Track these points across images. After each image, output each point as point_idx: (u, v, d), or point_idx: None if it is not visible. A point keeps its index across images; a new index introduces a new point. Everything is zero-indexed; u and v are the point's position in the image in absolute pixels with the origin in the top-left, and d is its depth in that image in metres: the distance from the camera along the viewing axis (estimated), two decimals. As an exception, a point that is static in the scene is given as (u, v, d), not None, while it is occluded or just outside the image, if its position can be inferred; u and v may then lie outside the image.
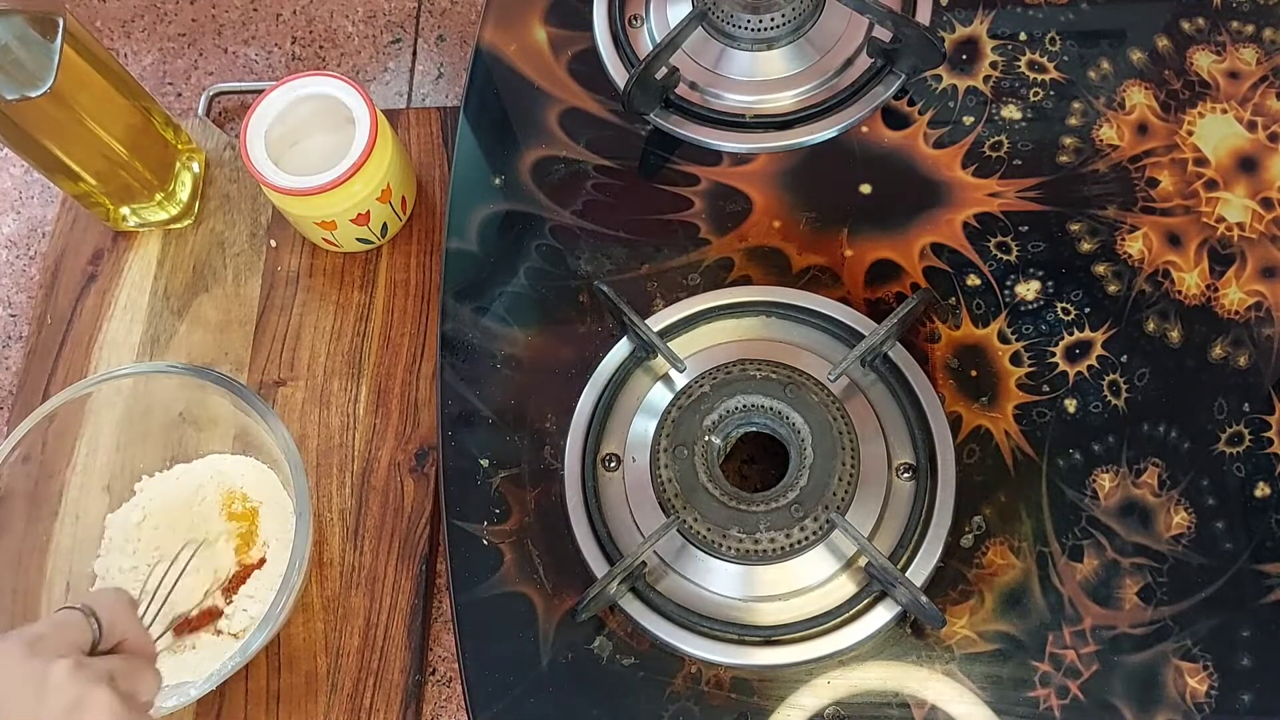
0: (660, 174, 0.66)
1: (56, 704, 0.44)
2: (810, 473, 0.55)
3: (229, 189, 0.75)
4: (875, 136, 0.65)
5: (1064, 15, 0.67)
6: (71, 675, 0.45)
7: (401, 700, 0.61)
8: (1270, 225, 0.61)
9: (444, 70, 0.82)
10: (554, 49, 0.70)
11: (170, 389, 0.64)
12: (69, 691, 0.44)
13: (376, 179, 0.66)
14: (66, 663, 0.45)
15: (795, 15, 0.66)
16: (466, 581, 0.57)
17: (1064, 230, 0.62)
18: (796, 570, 0.55)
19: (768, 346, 0.61)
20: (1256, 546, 0.54)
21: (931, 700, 0.53)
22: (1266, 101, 0.64)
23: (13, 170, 0.81)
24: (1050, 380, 0.59)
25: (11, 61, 0.61)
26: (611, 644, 0.55)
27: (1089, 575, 0.55)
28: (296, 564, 0.57)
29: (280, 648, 0.62)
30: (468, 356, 0.63)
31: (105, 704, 0.45)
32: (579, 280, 0.64)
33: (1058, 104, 0.65)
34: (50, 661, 0.45)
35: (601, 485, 0.59)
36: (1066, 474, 0.57)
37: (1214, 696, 0.52)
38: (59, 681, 0.44)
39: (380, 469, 0.66)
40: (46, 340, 0.72)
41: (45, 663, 0.45)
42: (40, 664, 0.45)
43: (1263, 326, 0.59)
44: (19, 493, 0.61)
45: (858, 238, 0.63)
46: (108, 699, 0.45)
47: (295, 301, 0.71)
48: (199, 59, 0.83)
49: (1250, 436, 0.56)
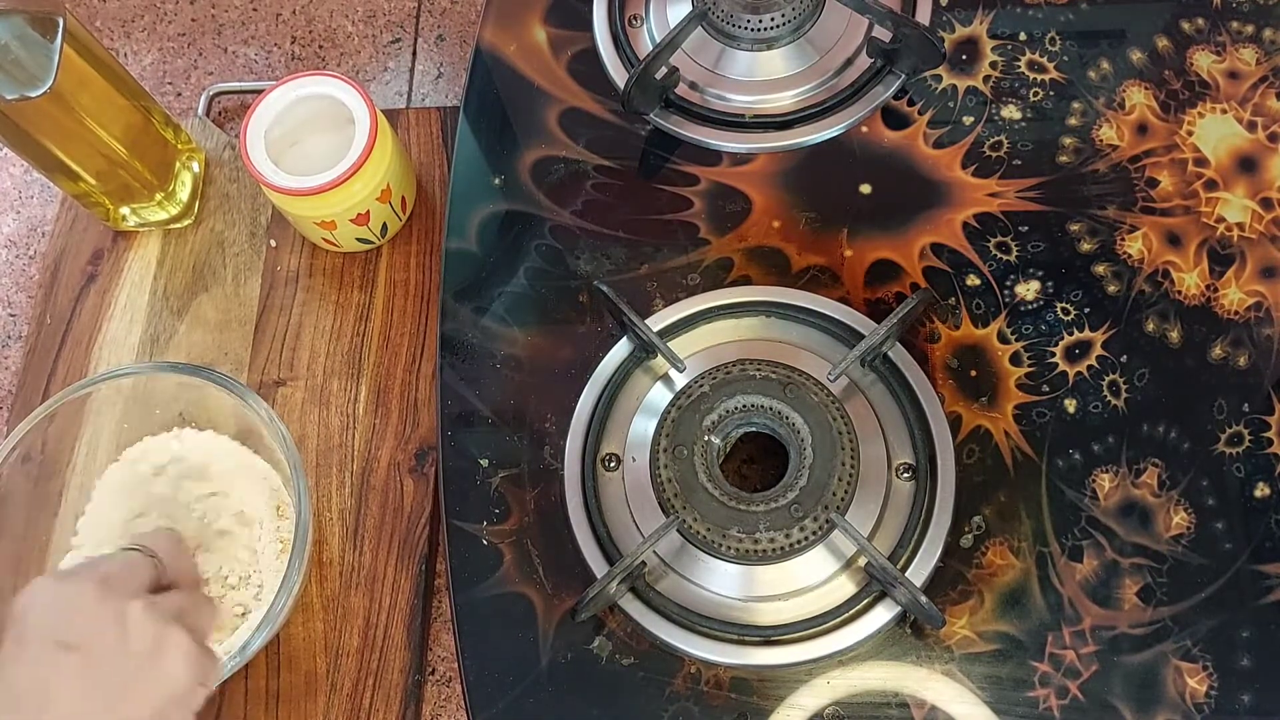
0: (660, 174, 0.66)
1: (139, 645, 0.45)
2: (810, 473, 0.55)
3: (229, 189, 0.75)
4: (875, 136, 0.65)
5: (1064, 15, 0.67)
6: (148, 615, 0.46)
7: (401, 700, 0.61)
8: (1270, 225, 0.61)
9: (444, 70, 0.82)
10: (554, 49, 0.70)
11: (170, 389, 0.64)
12: (148, 632, 0.45)
13: (376, 179, 0.66)
14: (140, 604, 0.46)
15: (795, 15, 0.66)
16: (466, 581, 0.57)
17: (1064, 230, 0.62)
18: (796, 570, 0.55)
19: (767, 346, 0.61)
20: (1256, 547, 0.54)
21: (931, 700, 0.53)
22: (1266, 101, 0.64)
23: (13, 170, 0.81)
24: (1050, 380, 0.59)
25: (11, 61, 0.61)
26: (611, 644, 0.55)
27: (1089, 575, 0.55)
28: (296, 564, 0.57)
29: (280, 648, 0.62)
30: (467, 356, 0.63)
31: (183, 645, 0.46)
32: (579, 280, 0.64)
33: (1058, 104, 0.65)
34: (126, 602, 0.45)
35: (601, 485, 0.59)
36: (1066, 474, 0.57)
37: (1213, 697, 0.52)
38: (136, 624, 0.45)
39: (380, 469, 0.66)
40: (46, 340, 0.72)
41: (122, 604, 0.45)
42: (118, 605, 0.45)
43: (1262, 326, 0.59)
44: (19, 493, 0.61)
45: (857, 238, 0.63)
46: (185, 640, 0.46)
47: (295, 301, 0.71)
48: (199, 59, 0.83)
49: (1250, 437, 0.56)
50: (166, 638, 0.46)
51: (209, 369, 0.62)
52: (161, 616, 0.46)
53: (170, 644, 0.46)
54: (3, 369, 0.76)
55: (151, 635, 0.45)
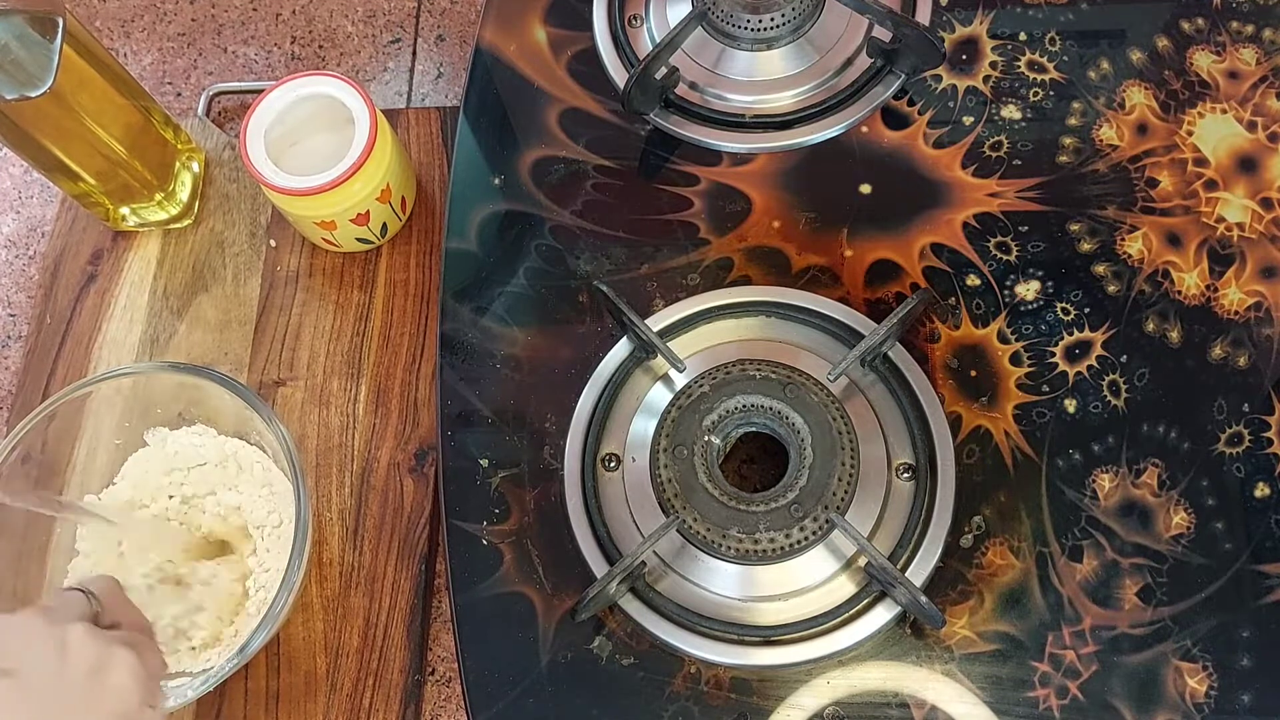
0: (660, 174, 0.66)
1: (80, 663, 0.44)
2: (810, 473, 0.55)
3: (229, 189, 0.75)
4: (875, 136, 0.65)
5: (1064, 15, 0.67)
6: (90, 637, 0.45)
7: (401, 700, 0.61)
8: (1270, 225, 0.61)
9: (444, 70, 0.82)
10: (554, 49, 0.70)
11: (170, 389, 0.64)
12: (90, 650, 0.45)
13: (376, 179, 0.66)
14: (81, 627, 0.45)
15: (795, 15, 0.66)
16: (466, 581, 0.57)
17: (1064, 230, 0.62)
18: (796, 570, 0.55)
19: (767, 346, 0.61)
20: (1256, 547, 0.54)
21: (931, 700, 0.53)
22: (1266, 101, 0.64)
23: (12, 170, 0.81)
24: (1050, 380, 0.59)
25: (11, 61, 0.61)
26: (611, 644, 0.55)
27: (1089, 575, 0.55)
28: (296, 564, 0.57)
29: (280, 648, 0.62)
30: (467, 356, 0.63)
31: (128, 662, 0.45)
32: (579, 280, 0.64)
33: (1057, 104, 0.65)
34: (68, 625, 0.45)
35: (601, 485, 0.59)
36: (1066, 474, 0.57)
37: (1213, 697, 0.52)
38: (79, 642, 0.45)
39: (380, 469, 0.66)
40: (46, 340, 0.72)
41: (61, 629, 0.45)
42: (57, 630, 0.45)
43: (1262, 326, 0.59)
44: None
45: (857, 238, 0.63)
46: (130, 658, 0.45)
47: (295, 301, 0.71)
48: (199, 59, 0.83)
49: (1250, 437, 0.56)
50: (111, 655, 0.45)
51: (209, 369, 0.62)
52: (104, 637, 0.46)
53: (115, 661, 0.45)
54: (3, 369, 0.76)
55: (94, 653, 0.45)
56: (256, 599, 0.61)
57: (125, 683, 0.45)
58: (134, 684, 0.45)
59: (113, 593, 0.51)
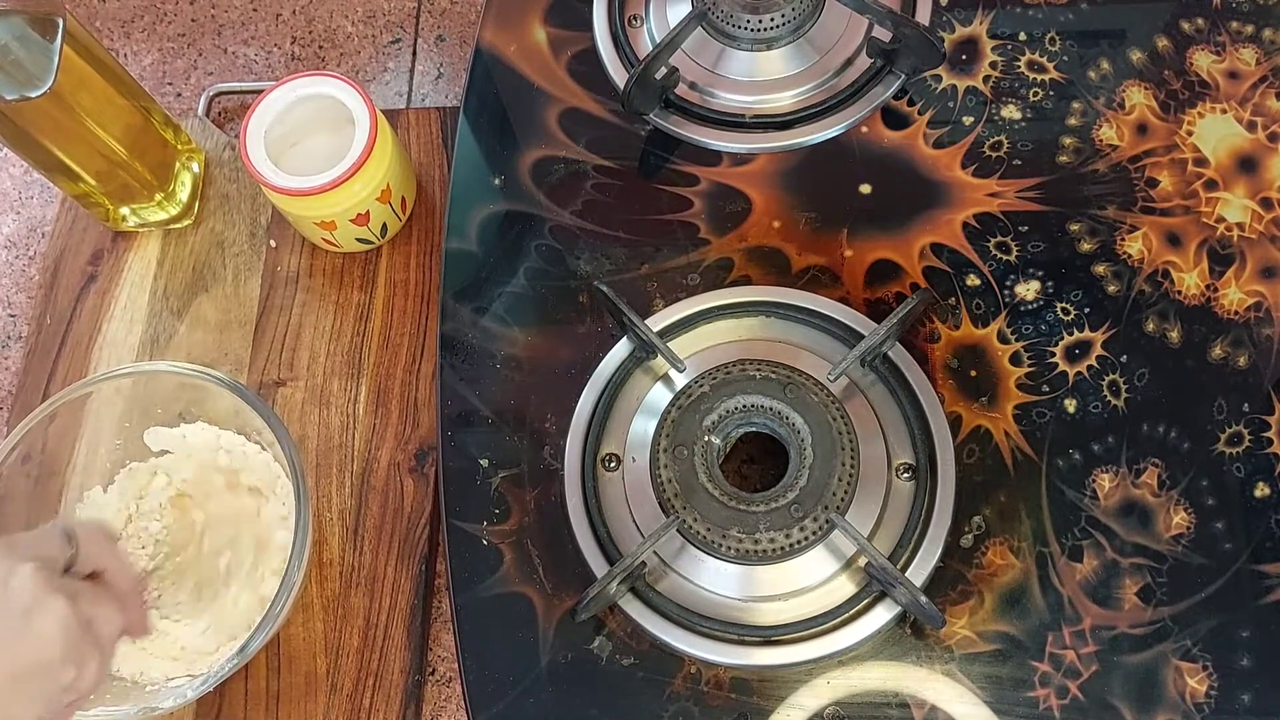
0: (660, 174, 0.66)
1: (13, 603, 0.43)
2: (810, 473, 0.55)
3: (229, 189, 0.75)
4: (875, 136, 0.65)
5: (1064, 15, 0.67)
6: (35, 577, 0.44)
7: (401, 700, 0.61)
8: (1270, 225, 0.61)
9: (444, 70, 0.82)
10: (554, 49, 0.70)
11: (170, 389, 0.64)
12: (26, 593, 0.44)
13: (376, 179, 0.66)
14: (31, 566, 0.44)
15: (795, 15, 0.66)
16: (466, 581, 0.57)
17: (1064, 230, 0.62)
18: (796, 570, 0.55)
19: (767, 346, 0.61)
20: (1256, 547, 0.54)
21: (931, 700, 0.53)
22: (1266, 101, 0.64)
23: (13, 170, 0.81)
24: (1050, 380, 0.59)
25: (11, 61, 0.61)
26: (611, 644, 0.55)
27: (1089, 575, 0.55)
28: (296, 564, 0.57)
29: (280, 648, 0.62)
30: (467, 356, 0.63)
31: (58, 614, 0.44)
32: (579, 280, 0.64)
33: (1057, 104, 0.65)
34: (17, 563, 0.44)
35: (601, 485, 0.59)
36: (1066, 474, 0.57)
37: (1213, 697, 0.52)
38: (20, 582, 0.44)
39: (380, 469, 0.66)
40: (46, 340, 0.72)
41: (12, 563, 0.44)
42: (9, 563, 0.44)
43: (1262, 326, 0.59)
44: (19, 493, 0.61)
45: (857, 238, 0.63)
46: (62, 610, 0.44)
47: (295, 302, 0.71)
48: (199, 59, 0.83)
49: (1250, 436, 0.56)
50: (45, 602, 0.44)
51: (209, 369, 0.62)
52: (49, 582, 0.44)
53: (47, 608, 0.44)
54: (3, 369, 0.76)
55: (30, 595, 0.44)
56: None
57: (50, 632, 0.44)
58: (59, 635, 0.44)
59: (96, 540, 0.49)
